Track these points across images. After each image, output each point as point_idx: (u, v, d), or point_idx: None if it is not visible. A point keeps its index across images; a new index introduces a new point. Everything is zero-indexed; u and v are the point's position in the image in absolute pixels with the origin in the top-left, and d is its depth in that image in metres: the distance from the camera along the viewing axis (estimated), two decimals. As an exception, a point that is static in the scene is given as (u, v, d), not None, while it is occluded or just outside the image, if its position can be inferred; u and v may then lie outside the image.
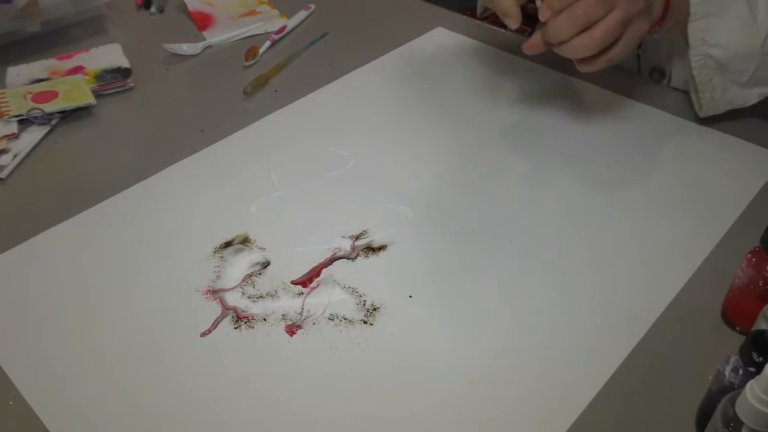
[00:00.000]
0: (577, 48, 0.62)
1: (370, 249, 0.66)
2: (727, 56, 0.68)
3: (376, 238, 0.67)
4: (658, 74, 0.86)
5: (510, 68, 0.92)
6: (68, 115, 0.85)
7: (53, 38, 0.99)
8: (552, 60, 0.91)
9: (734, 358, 0.47)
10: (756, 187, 0.71)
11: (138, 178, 0.75)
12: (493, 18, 0.92)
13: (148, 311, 0.61)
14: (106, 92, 0.89)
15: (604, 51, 0.63)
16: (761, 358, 0.44)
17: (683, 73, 0.79)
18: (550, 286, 0.62)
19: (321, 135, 0.81)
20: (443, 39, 0.99)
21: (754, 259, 0.54)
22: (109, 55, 0.94)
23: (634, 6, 0.61)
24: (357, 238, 0.68)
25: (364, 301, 0.61)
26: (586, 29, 0.61)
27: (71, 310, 0.61)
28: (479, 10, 0.95)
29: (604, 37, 0.61)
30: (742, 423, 0.41)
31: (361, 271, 0.64)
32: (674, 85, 0.85)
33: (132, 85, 0.90)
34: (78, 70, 0.92)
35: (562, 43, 0.63)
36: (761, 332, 0.44)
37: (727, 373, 0.47)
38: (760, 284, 0.54)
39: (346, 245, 0.67)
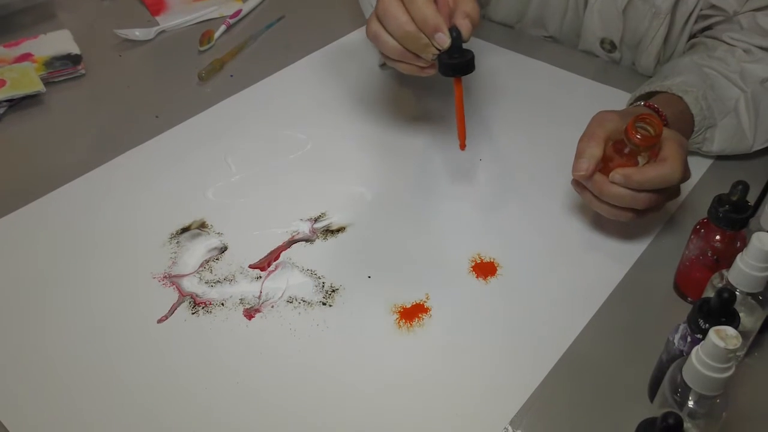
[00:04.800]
0: (611, 213, 0.61)
1: (329, 231, 0.66)
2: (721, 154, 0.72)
3: (334, 221, 0.67)
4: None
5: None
6: (16, 104, 0.83)
7: (0, 25, 0.96)
8: (507, 41, 0.92)
9: (683, 326, 0.48)
10: (706, 164, 0.73)
11: (91, 166, 0.74)
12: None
13: (103, 299, 0.60)
14: (55, 79, 0.87)
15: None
16: (707, 325, 0.45)
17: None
18: (505, 264, 0.63)
19: (278, 119, 0.80)
20: (400, 21, 0.98)
21: (702, 230, 0.56)
22: (58, 42, 0.92)
23: (672, 196, 0.62)
24: (315, 220, 0.67)
25: (323, 282, 0.61)
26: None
27: (24, 300, 0.60)
28: (380, 60, 0.88)
29: (633, 219, 0.61)
30: (690, 388, 0.42)
31: (320, 254, 0.64)
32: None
33: (83, 71, 0.88)
34: (26, 57, 0.89)
35: (604, 202, 0.61)
36: (707, 300, 0.46)
37: (676, 341, 0.48)
38: (709, 254, 0.56)
39: (304, 228, 0.66)
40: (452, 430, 0.51)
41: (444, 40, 0.60)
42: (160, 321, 0.58)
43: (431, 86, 0.85)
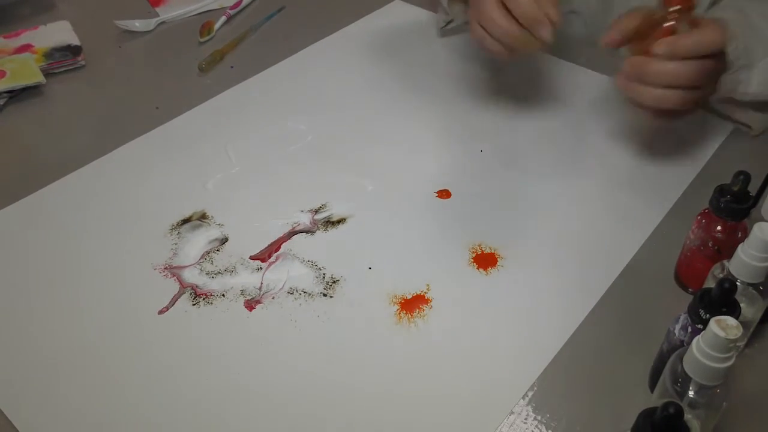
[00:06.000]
0: (658, 99, 0.60)
1: (330, 222, 0.66)
2: (754, 100, 0.69)
3: (335, 212, 0.67)
4: None
5: (467, 41, 0.91)
6: (17, 95, 0.83)
7: (-1, 16, 0.96)
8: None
9: (683, 317, 0.48)
10: (708, 154, 0.73)
11: (91, 158, 0.74)
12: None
13: (104, 290, 0.60)
14: (55, 71, 0.87)
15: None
16: (708, 315, 0.45)
17: None
18: (506, 255, 0.63)
19: (279, 110, 0.80)
20: (401, 12, 0.98)
21: (703, 221, 0.56)
22: (58, 33, 0.92)
23: (710, 90, 0.62)
24: (316, 211, 0.67)
25: (324, 274, 0.61)
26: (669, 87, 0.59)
27: (24, 291, 0.60)
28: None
29: (681, 103, 0.59)
30: (690, 379, 0.42)
31: (321, 245, 0.64)
32: None
33: (83, 62, 0.88)
34: (26, 48, 0.89)
35: (648, 86, 0.59)
36: (708, 290, 0.46)
37: (676, 331, 0.48)
38: (710, 245, 0.55)
39: (305, 219, 0.66)
40: (454, 421, 0.51)
41: (548, 35, 0.61)
42: (160, 312, 0.58)
43: (433, 78, 0.85)
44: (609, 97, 0.81)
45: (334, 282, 0.60)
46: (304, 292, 0.60)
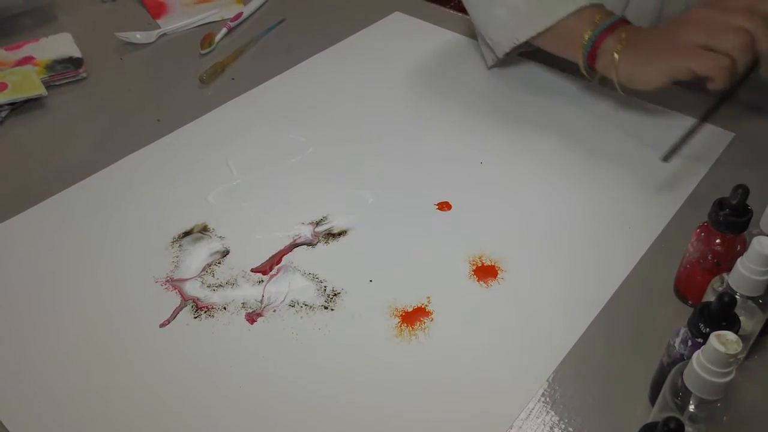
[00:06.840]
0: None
1: (331, 235, 0.66)
2: None
3: (336, 224, 0.67)
4: None
5: (468, 52, 0.92)
6: (18, 107, 0.83)
7: (1, 28, 0.97)
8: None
9: (683, 330, 0.48)
10: (707, 166, 0.73)
11: (93, 170, 0.74)
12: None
13: (106, 303, 0.60)
14: (57, 83, 0.87)
15: None
16: (708, 329, 0.45)
17: None
18: (507, 268, 0.63)
19: (279, 122, 0.81)
20: (401, 24, 0.99)
21: (702, 234, 0.56)
22: (59, 45, 0.92)
23: None
24: (317, 224, 0.67)
25: (325, 286, 0.61)
26: None
27: (25, 303, 0.60)
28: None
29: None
30: (690, 393, 0.42)
31: (322, 257, 0.64)
32: None
33: (84, 75, 0.89)
34: (27, 60, 0.89)
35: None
36: (708, 304, 0.46)
37: (677, 345, 0.48)
38: (709, 258, 0.56)
39: (306, 232, 0.67)
40: (454, 434, 0.51)
41: None
42: (162, 325, 0.58)
43: (433, 89, 0.85)
44: (610, 109, 0.81)
45: (335, 295, 0.61)
46: (306, 305, 0.60)
